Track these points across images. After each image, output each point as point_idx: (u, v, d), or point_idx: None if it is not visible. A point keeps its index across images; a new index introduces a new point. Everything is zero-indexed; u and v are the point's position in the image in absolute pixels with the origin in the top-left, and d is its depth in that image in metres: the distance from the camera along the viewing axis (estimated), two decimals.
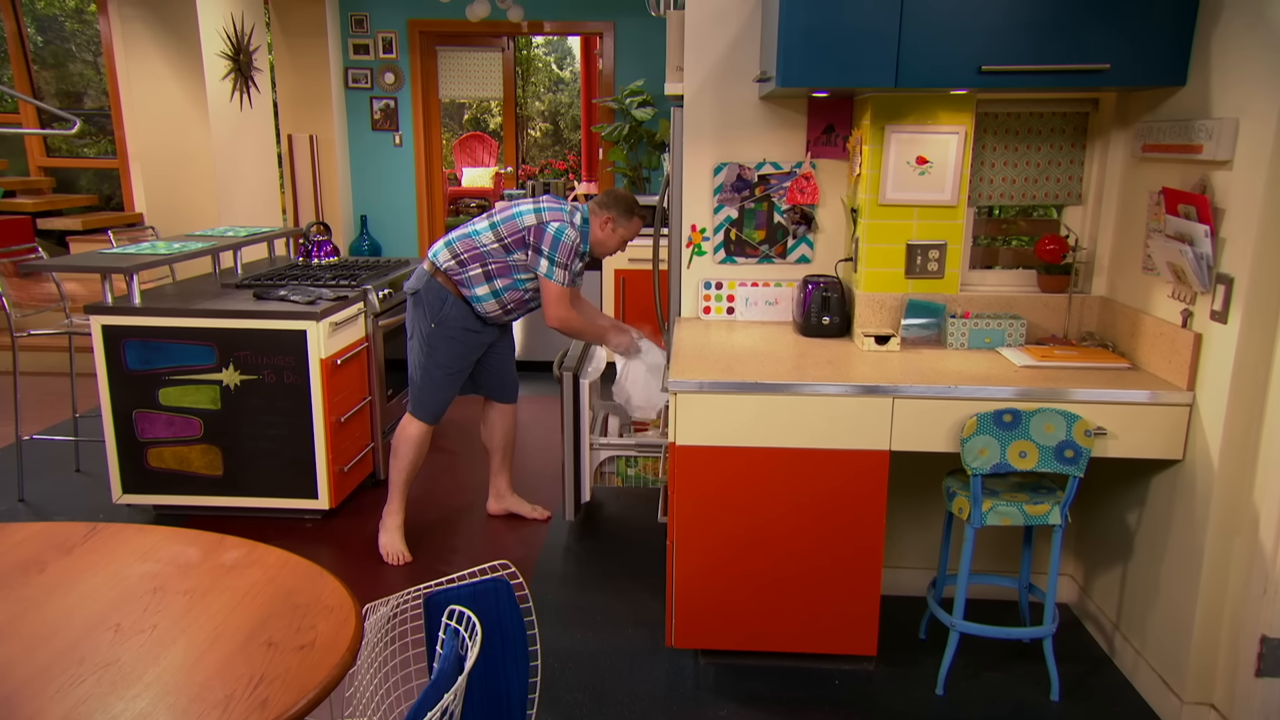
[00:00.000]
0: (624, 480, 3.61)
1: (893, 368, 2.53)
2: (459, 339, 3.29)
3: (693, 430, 2.43)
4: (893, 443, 2.39)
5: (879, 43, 2.39)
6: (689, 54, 3.07)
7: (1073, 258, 2.78)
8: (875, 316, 2.87)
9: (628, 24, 7.45)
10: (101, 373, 3.46)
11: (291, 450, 3.51)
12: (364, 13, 7.48)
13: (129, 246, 3.93)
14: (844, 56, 2.41)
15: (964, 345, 2.75)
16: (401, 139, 7.70)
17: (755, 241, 3.19)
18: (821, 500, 2.44)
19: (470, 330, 3.30)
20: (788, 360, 2.61)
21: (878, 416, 2.38)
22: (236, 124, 5.92)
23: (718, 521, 2.48)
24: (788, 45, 2.42)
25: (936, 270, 2.84)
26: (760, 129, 3.10)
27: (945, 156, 2.75)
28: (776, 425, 2.41)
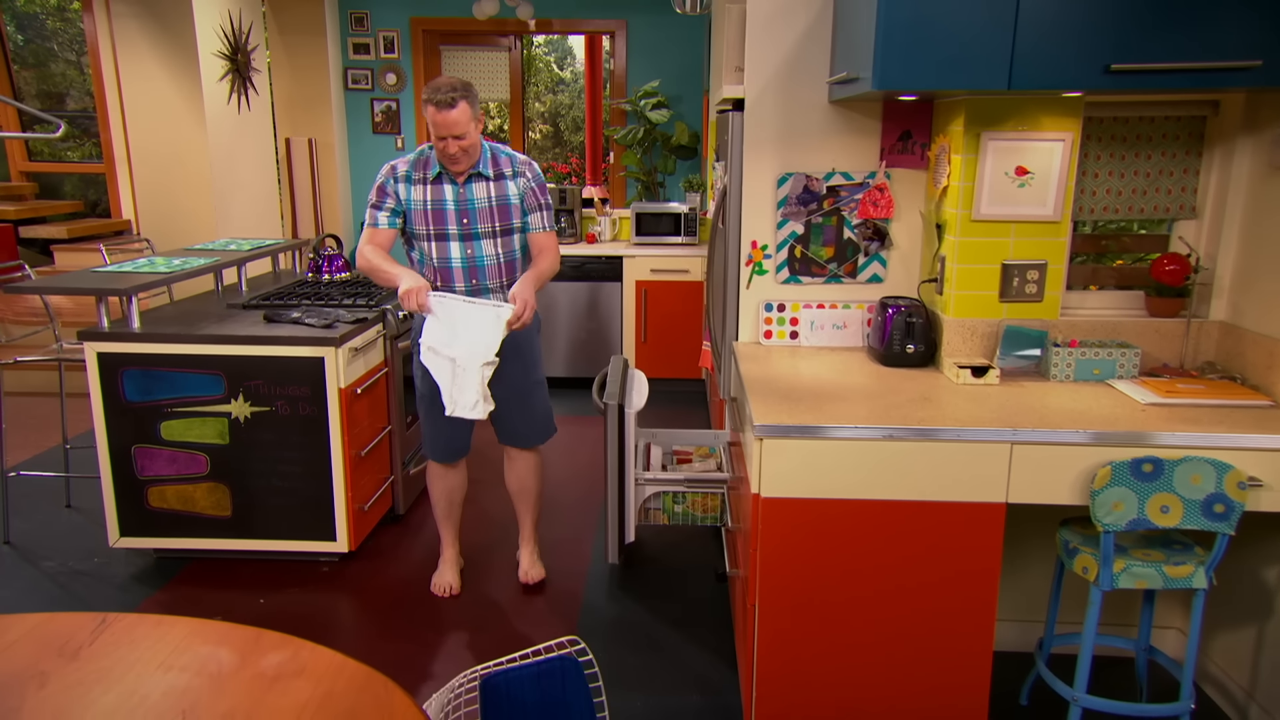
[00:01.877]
0: (670, 518, 3.32)
1: (998, 406, 2.25)
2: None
3: (781, 480, 2.14)
4: (1010, 494, 2.11)
5: (990, 39, 2.11)
6: (750, 53, 2.78)
7: (1192, 279, 2.50)
8: (965, 344, 2.59)
9: (640, 22, 7.15)
10: (97, 404, 3.14)
11: (307, 488, 3.20)
12: (364, 10, 7.16)
13: (126, 264, 3.61)
14: (949, 55, 2.13)
15: (1069, 377, 2.47)
16: (404, 142, 7.38)
17: (823, 259, 2.90)
18: (926, 559, 2.16)
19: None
20: (875, 395, 2.32)
21: (993, 465, 2.09)
22: (234, 128, 5.60)
23: (809, 583, 2.19)
24: (886, 43, 2.13)
25: (1035, 293, 2.56)
26: (829, 135, 2.81)
27: (1048, 167, 2.47)
28: (876, 474, 2.12)
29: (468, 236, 2.87)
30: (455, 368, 2.80)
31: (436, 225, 2.87)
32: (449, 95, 2.71)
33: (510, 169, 2.91)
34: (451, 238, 2.87)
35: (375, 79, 7.28)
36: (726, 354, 3.00)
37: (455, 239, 2.87)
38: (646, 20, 7.15)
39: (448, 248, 2.88)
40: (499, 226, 2.89)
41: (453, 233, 2.87)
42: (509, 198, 2.89)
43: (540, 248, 2.97)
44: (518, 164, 2.94)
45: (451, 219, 2.86)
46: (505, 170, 2.89)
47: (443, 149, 2.76)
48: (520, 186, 2.91)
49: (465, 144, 2.75)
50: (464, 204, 2.86)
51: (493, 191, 2.87)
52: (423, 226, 2.87)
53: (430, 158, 2.88)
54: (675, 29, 7.13)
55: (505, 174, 2.89)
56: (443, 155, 2.78)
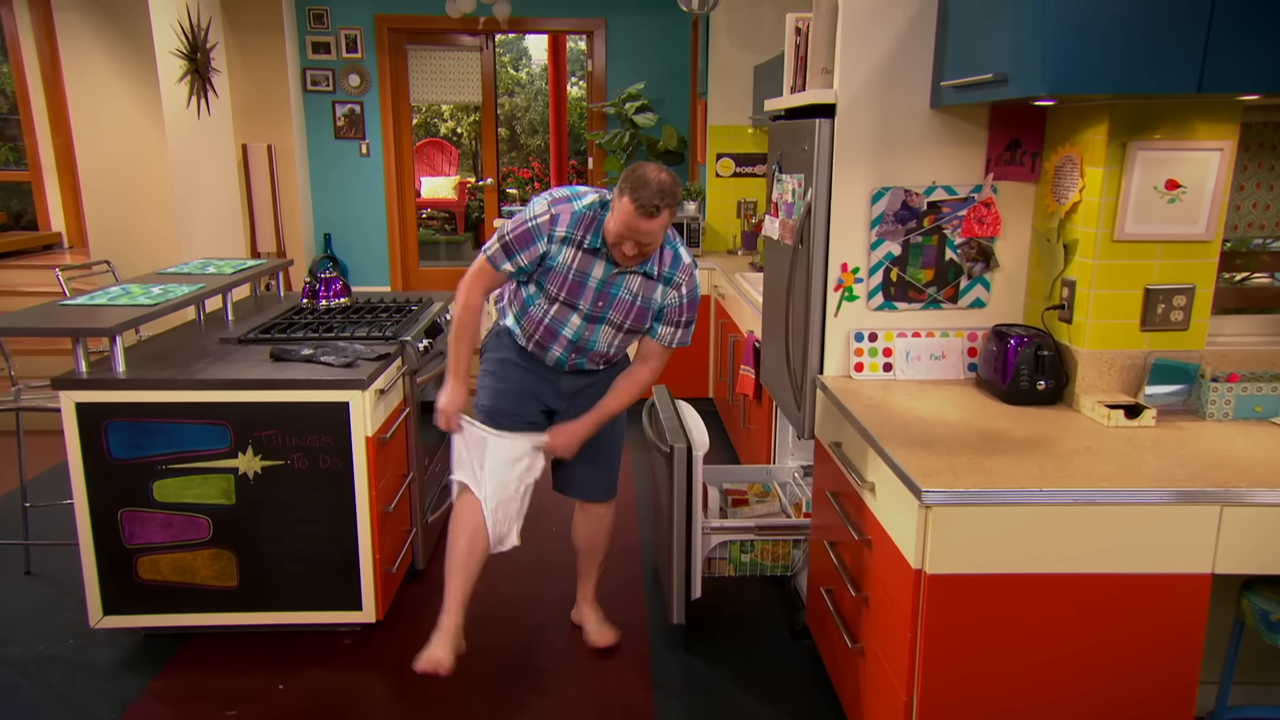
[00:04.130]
0: (737, 568, 2.97)
1: (1183, 457, 1.95)
2: (495, 371, 2.65)
3: (954, 555, 1.81)
4: (1217, 564, 1.81)
5: (1178, 34, 1.81)
6: (843, 54, 2.45)
7: None
8: (1101, 379, 2.30)
9: (620, 22, 6.78)
10: (76, 463, 2.65)
11: (328, 551, 2.76)
12: (324, 7, 6.65)
13: (98, 295, 3.10)
14: (1130, 52, 1.82)
15: (1228, 416, 2.20)
16: (369, 148, 6.89)
17: (921, 283, 2.59)
18: (1115, 641, 1.85)
19: (509, 361, 2.63)
20: (1027, 445, 2.01)
21: (1197, 529, 1.79)
22: (195, 134, 5.06)
23: (981, 671, 1.86)
24: (1058, 39, 1.81)
25: (1180, 321, 2.28)
26: (929, 145, 2.50)
27: (1202, 180, 2.19)
28: (1063, 543, 1.80)
29: (593, 319, 2.51)
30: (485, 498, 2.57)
31: (569, 295, 2.48)
32: (655, 202, 2.28)
33: (668, 269, 2.51)
34: (578, 311, 2.50)
35: (337, 80, 6.77)
36: (808, 388, 2.66)
37: (580, 314, 2.51)
38: (626, 20, 6.78)
39: (567, 316, 2.51)
40: (629, 324, 2.54)
41: (581, 308, 2.50)
42: (653, 301, 2.52)
43: (644, 356, 2.63)
44: (679, 271, 2.53)
45: (588, 296, 2.48)
46: (665, 271, 2.51)
47: (619, 245, 2.38)
48: (667, 298, 2.53)
49: (650, 249, 2.40)
50: (608, 287, 2.48)
51: (641, 290, 2.50)
52: (554, 289, 2.48)
53: (599, 223, 2.44)
54: (657, 29, 6.77)
55: (663, 274, 2.51)
56: (614, 247, 2.40)
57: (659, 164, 2.35)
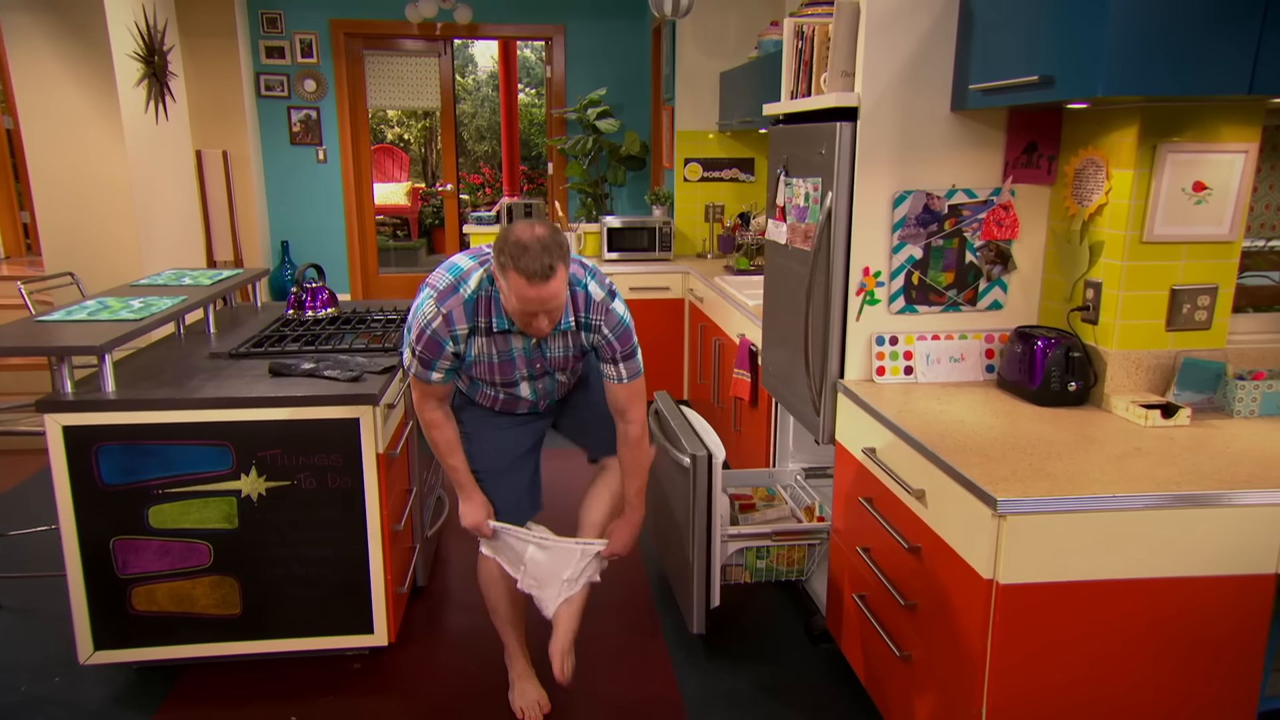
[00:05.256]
0: (753, 575, 2.87)
1: (1233, 457, 1.91)
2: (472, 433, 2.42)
3: (1027, 563, 1.73)
4: None
5: (1233, 37, 1.77)
6: (867, 56, 2.37)
7: None
8: (1129, 379, 2.26)
9: (578, 28, 6.64)
10: (63, 490, 2.41)
11: (337, 574, 2.57)
12: (277, 11, 6.34)
13: (74, 309, 2.84)
14: (1184, 55, 1.78)
15: (1254, 413, 2.18)
16: (326, 154, 6.60)
17: (942, 286, 2.52)
18: (1177, 643, 1.80)
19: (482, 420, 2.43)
20: (1076, 448, 1.95)
21: (1264, 529, 1.75)
22: (154, 139, 4.75)
23: (1050, 679, 1.79)
24: (1119, 41, 1.75)
25: (1204, 320, 2.25)
26: (950, 149, 2.44)
27: (1227, 182, 2.16)
28: (1128, 549, 1.74)
29: (538, 375, 2.33)
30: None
31: (504, 376, 2.28)
32: (545, 262, 1.96)
33: (582, 316, 2.24)
34: (520, 380, 2.32)
35: (292, 85, 6.47)
36: (828, 393, 2.57)
37: (524, 379, 2.33)
38: (585, 26, 6.64)
39: (515, 388, 2.34)
40: (575, 363, 2.37)
41: (521, 376, 2.31)
42: (585, 344, 2.31)
43: (620, 411, 2.35)
44: (591, 313, 2.23)
45: (520, 366, 2.28)
46: (580, 316, 2.24)
47: (527, 323, 2.10)
48: (591, 341, 2.29)
49: (557, 314, 2.10)
50: (535, 352, 2.28)
51: (570, 341, 2.29)
52: (486, 376, 2.28)
53: (495, 301, 2.15)
54: (615, 35, 6.65)
55: (580, 320, 2.25)
56: (525, 327, 2.12)
57: (527, 221, 2.03)
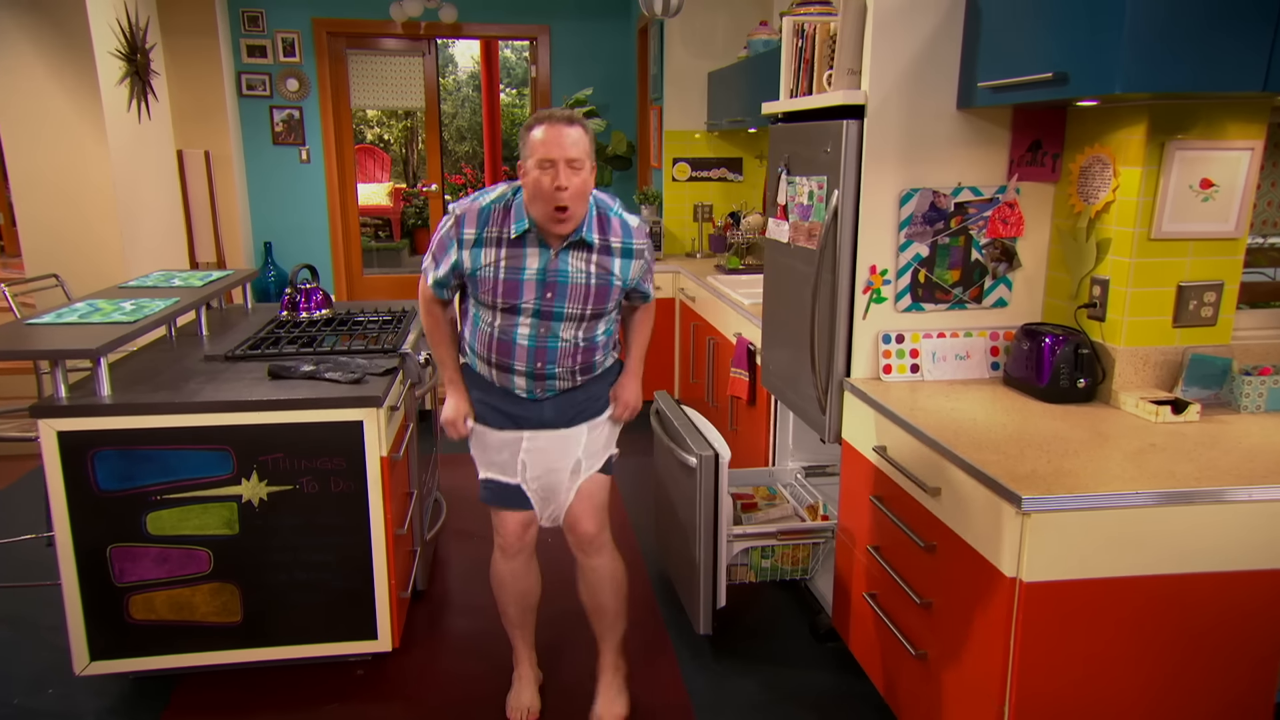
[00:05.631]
0: (758, 574, 2.84)
1: (1247, 451, 1.91)
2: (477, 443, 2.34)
3: (1052, 561, 1.71)
4: None
5: (1248, 34, 1.76)
6: (873, 54, 2.35)
7: None
8: (1137, 375, 2.26)
9: (563, 29, 6.59)
10: (58, 497, 2.33)
11: (341, 579, 2.51)
12: (259, 9, 6.25)
13: (64, 311, 2.76)
14: (1201, 52, 1.77)
15: (1260, 408, 2.18)
16: (309, 154, 6.50)
17: (948, 284, 2.51)
18: (1198, 638, 1.79)
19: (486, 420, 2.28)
20: (1092, 445, 1.94)
21: None
22: (136, 139, 4.64)
23: (1074, 675, 1.78)
24: (1137, 38, 1.74)
25: (1210, 317, 2.26)
26: (956, 147, 2.42)
27: (1233, 178, 2.17)
28: (1152, 545, 1.73)
29: (545, 314, 2.11)
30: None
31: (507, 297, 2.09)
32: (565, 114, 2.00)
33: (620, 241, 2.15)
34: (523, 312, 2.11)
35: (274, 85, 6.37)
36: (834, 391, 2.55)
37: (528, 314, 2.11)
38: (569, 26, 6.60)
39: (514, 322, 2.12)
40: (590, 310, 2.13)
41: (526, 307, 2.10)
42: (611, 276, 2.14)
43: (643, 316, 2.40)
44: (634, 237, 2.17)
45: (530, 290, 2.08)
46: (614, 241, 2.14)
47: (550, 186, 1.96)
48: (631, 270, 2.18)
49: (580, 182, 1.98)
50: (551, 274, 2.08)
51: (593, 266, 2.11)
52: (488, 295, 2.10)
53: (514, 206, 2.08)
54: (600, 36, 6.61)
55: (613, 246, 2.14)
56: (547, 199, 1.98)
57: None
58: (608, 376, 2.32)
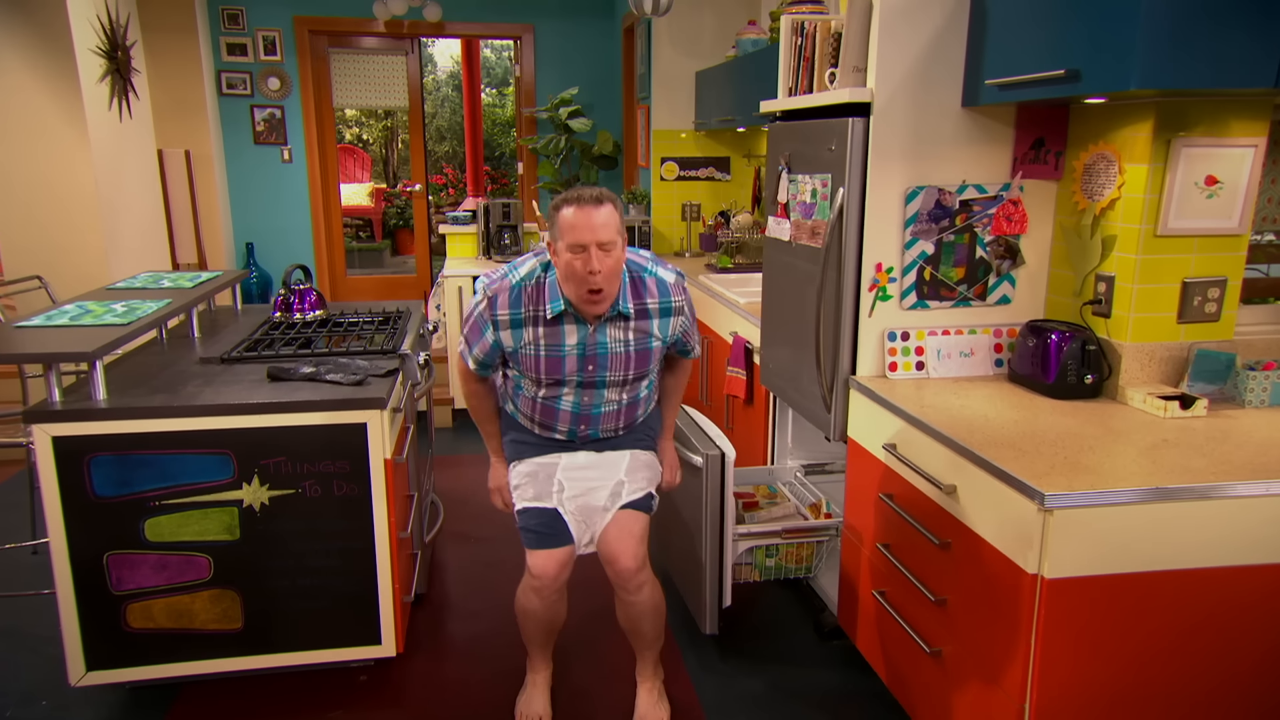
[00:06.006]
0: (762, 573, 2.83)
1: (1251, 442, 1.92)
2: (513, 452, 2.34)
3: (1074, 557, 1.71)
4: None
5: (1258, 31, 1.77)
6: (880, 52, 2.34)
7: None
8: (1143, 371, 2.26)
9: (548, 28, 6.55)
10: (53, 504, 2.26)
11: (344, 584, 2.46)
12: (239, 7, 6.14)
13: (54, 313, 2.68)
14: (1214, 49, 1.77)
15: (1264, 403, 2.20)
16: (291, 154, 6.41)
17: (953, 281, 2.50)
18: (1217, 630, 1.79)
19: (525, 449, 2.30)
20: (1104, 441, 1.94)
21: None
22: (118, 138, 4.54)
23: (1095, 671, 1.77)
24: (1152, 35, 1.74)
25: (1214, 312, 2.27)
26: (961, 145, 2.42)
27: (1237, 175, 2.18)
28: (1171, 540, 1.73)
29: (588, 385, 2.14)
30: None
31: (549, 373, 2.12)
32: (594, 194, 1.97)
33: (658, 302, 2.13)
34: (566, 384, 2.15)
35: (255, 84, 6.27)
36: (840, 389, 2.54)
37: (571, 386, 2.15)
38: (553, 26, 6.56)
39: (557, 393, 2.16)
40: (632, 374, 2.16)
41: (570, 380, 2.13)
42: (651, 339, 2.13)
43: (680, 375, 2.40)
44: (672, 294, 2.15)
45: (571, 366, 2.11)
46: (650, 303, 2.12)
47: (584, 270, 1.95)
48: (671, 327, 2.17)
49: (613, 262, 1.97)
50: (591, 348, 2.09)
51: (631, 334, 2.11)
52: (531, 372, 2.13)
53: (546, 285, 2.07)
54: (585, 35, 6.57)
55: (650, 309, 2.12)
56: (580, 282, 1.97)
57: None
58: (651, 421, 2.36)
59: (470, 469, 4.20)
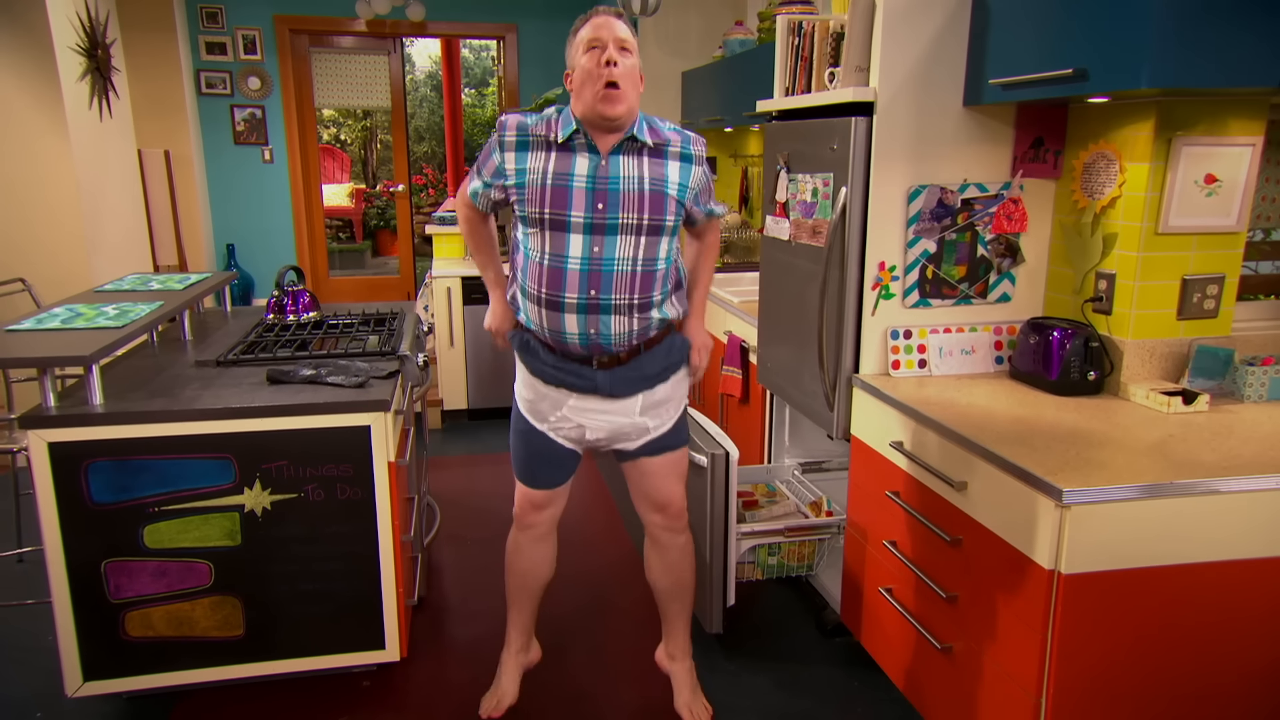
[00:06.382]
0: (765, 571, 2.82)
1: (1255, 436, 1.94)
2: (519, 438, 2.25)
3: (1091, 552, 1.71)
4: None
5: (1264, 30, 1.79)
6: (883, 51, 2.34)
7: None
8: (1144, 367, 2.28)
9: (531, 27, 6.51)
10: (49, 511, 2.20)
11: (347, 588, 2.42)
12: (218, 5, 6.04)
13: (44, 316, 2.61)
14: (1218, 46, 1.79)
15: (1263, 397, 2.22)
16: (273, 154, 6.32)
17: (954, 279, 2.51)
18: (1227, 622, 1.81)
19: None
20: (1113, 437, 1.95)
21: None
22: (98, 137, 4.44)
23: (1110, 664, 1.78)
24: (1164, 31, 1.75)
25: (1212, 309, 2.29)
26: (962, 144, 2.42)
27: (1235, 174, 2.20)
28: (1184, 535, 1.75)
29: (597, 228, 1.94)
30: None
31: (554, 208, 1.93)
32: (614, 10, 1.99)
33: (678, 145, 2.04)
34: (573, 228, 1.94)
35: (235, 83, 6.18)
36: (843, 388, 2.54)
37: (579, 229, 1.94)
38: (537, 25, 6.52)
39: (564, 241, 1.94)
40: (647, 221, 1.96)
41: (576, 220, 1.93)
42: (667, 184, 1.99)
43: (708, 248, 2.28)
44: (689, 141, 2.06)
45: (579, 201, 1.93)
46: (670, 145, 2.02)
47: (600, 63, 1.88)
48: (690, 177, 2.05)
49: (631, 64, 1.91)
50: (602, 181, 1.93)
51: (646, 170, 1.97)
52: (535, 208, 1.95)
53: (559, 116, 1.99)
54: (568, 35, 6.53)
55: (669, 150, 2.02)
56: (596, 77, 1.88)
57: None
58: (666, 349, 2.13)
59: (462, 470, 4.16)
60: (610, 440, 2.19)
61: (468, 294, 4.75)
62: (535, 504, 2.29)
